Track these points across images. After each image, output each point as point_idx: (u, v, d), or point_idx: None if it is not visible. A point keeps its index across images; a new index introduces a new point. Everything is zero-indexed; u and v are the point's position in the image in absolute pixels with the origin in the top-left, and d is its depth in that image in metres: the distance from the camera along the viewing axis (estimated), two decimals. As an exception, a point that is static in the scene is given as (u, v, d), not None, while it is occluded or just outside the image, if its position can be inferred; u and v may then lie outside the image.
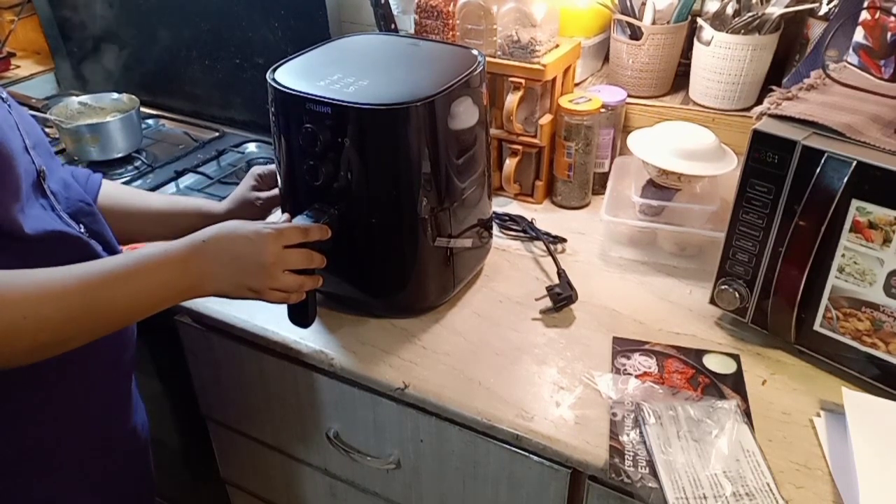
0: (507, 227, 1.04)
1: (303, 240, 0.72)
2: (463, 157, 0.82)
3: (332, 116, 0.74)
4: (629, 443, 0.68)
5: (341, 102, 0.73)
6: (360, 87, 0.76)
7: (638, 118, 1.13)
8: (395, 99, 0.74)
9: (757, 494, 0.62)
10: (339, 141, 0.75)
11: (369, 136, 0.76)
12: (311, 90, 0.75)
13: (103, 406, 0.77)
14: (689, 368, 0.77)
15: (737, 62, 1.04)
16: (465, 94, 0.79)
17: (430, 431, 0.81)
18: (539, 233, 1.01)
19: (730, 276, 0.80)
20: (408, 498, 0.91)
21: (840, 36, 0.88)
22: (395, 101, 0.73)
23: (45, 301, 0.58)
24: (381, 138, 0.76)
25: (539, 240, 1.00)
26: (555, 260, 0.93)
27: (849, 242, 0.69)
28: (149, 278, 0.64)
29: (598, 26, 1.19)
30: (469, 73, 0.79)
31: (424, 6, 1.06)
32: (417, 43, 0.91)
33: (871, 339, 0.71)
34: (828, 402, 0.72)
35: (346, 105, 0.73)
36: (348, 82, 0.77)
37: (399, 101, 0.73)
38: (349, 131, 0.75)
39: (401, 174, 0.78)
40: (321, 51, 0.88)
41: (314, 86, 0.76)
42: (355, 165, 0.76)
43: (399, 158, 0.77)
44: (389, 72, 0.83)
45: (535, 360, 0.80)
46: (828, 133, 0.70)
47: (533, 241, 1.01)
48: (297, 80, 0.78)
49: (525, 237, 1.02)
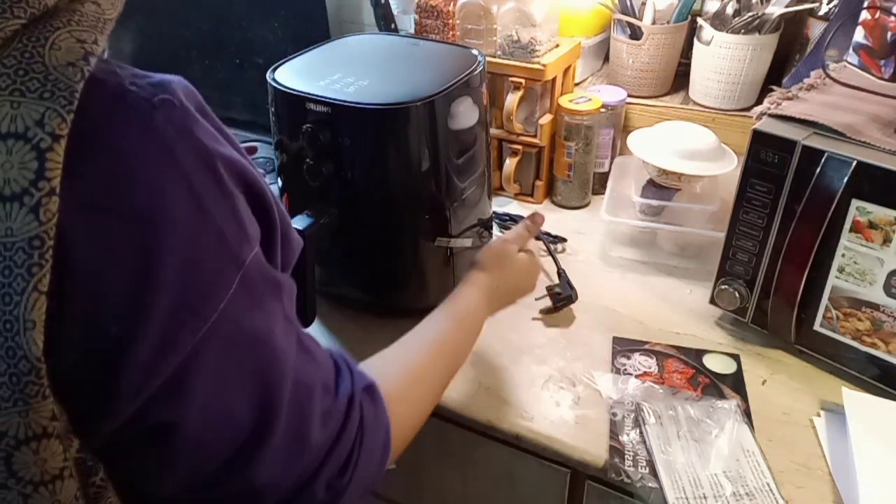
0: (508, 227, 1.04)
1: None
2: (463, 157, 0.82)
3: (332, 116, 0.74)
4: (629, 443, 0.68)
5: (341, 102, 0.73)
6: (361, 86, 0.76)
7: (638, 118, 1.13)
8: (395, 99, 0.73)
9: (757, 494, 0.62)
10: (338, 141, 0.75)
11: (369, 136, 0.76)
12: (311, 90, 0.75)
13: None
14: (689, 368, 0.77)
15: (737, 62, 1.04)
16: (465, 94, 0.79)
17: (431, 431, 0.81)
18: (539, 232, 1.00)
19: (730, 275, 0.80)
20: (408, 498, 0.91)
21: (840, 36, 0.88)
22: (395, 100, 0.73)
23: (426, 387, 0.61)
24: (380, 138, 0.76)
25: (539, 239, 1.00)
26: (555, 260, 0.93)
27: (849, 242, 0.69)
28: (470, 336, 0.69)
29: (598, 26, 1.19)
30: (469, 73, 0.79)
31: (424, 6, 1.06)
32: (418, 43, 0.91)
33: (871, 339, 0.71)
34: (828, 402, 0.72)
35: (346, 105, 0.73)
36: (348, 82, 0.77)
37: (399, 100, 0.73)
38: (349, 131, 0.75)
39: (401, 174, 0.78)
40: (321, 50, 0.88)
41: (314, 85, 0.76)
42: (355, 165, 0.76)
43: (399, 158, 0.77)
44: (390, 71, 0.83)
45: (536, 360, 0.80)
46: (828, 133, 0.70)
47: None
48: (298, 79, 0.78)
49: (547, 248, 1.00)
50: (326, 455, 0.46)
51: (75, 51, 0.34)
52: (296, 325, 0.46)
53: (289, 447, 0.44)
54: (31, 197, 0.32)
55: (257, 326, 0.41)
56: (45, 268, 0.32)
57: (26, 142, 0.32)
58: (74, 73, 0.34)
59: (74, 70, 0.34)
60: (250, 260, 0.40)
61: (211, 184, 0.38)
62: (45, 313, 0.32)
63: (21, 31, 0.34)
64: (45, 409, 0.33)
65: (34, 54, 0.34)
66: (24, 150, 0.32)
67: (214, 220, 0.38)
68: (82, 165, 0.34)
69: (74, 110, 0.33)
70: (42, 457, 0.34)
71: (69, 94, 0.33)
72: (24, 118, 0.33)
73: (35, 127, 0.32)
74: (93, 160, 0.35)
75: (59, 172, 0.32)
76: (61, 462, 0.35)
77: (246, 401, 0.41)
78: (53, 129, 0.32)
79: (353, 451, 0.48)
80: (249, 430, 0.42)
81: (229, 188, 0.39)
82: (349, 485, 0.47)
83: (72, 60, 0.34)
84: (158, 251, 0.35)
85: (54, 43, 0.34)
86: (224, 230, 0.39)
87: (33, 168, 0.32)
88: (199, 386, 0.38)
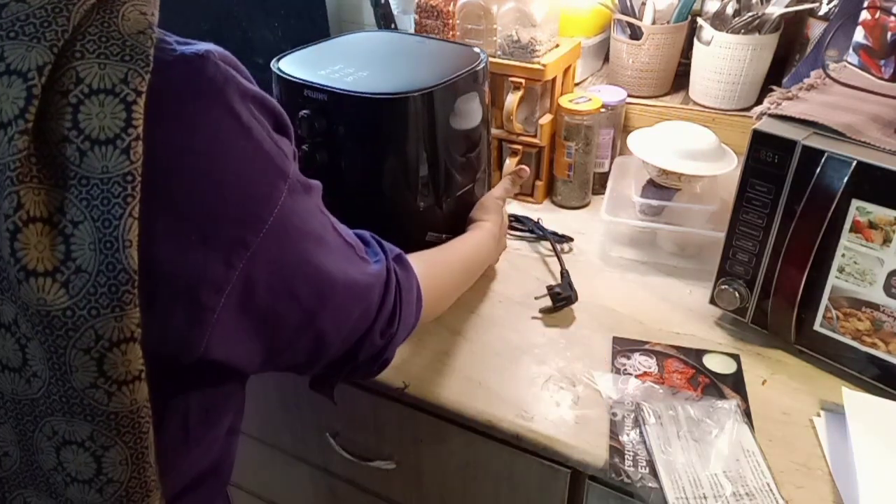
0: (513, 228, 1.04)
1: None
2: (465, 155, 0.82)
3: (329, 104, 0.75)
4: (629, 443, 0.68)
5: (338, 90, 0.74)
6: (360, 77, 0.77)
7: (638, 118, 1.13)
8: (392, 89, 0.74)
9: (757, 494, 0.62)
10: (334, 129, 0.76)
11: (363, 125, 0.76)
12: (310, 78, 0.76)
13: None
14: (689, 368, 0.77)
15: (737, 62, 1.04)
16: (470, 91, 0.79)
17: (430, 431, 0.81)
18: (546, 232, 1.01)
19: (730, 275, 0.80)
20: (408, 498, 0.91)
21: (840, 36, 0.88)
22: (391, 90, 0.74)
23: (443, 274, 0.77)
24: (374, 128, 0.77)
25: (546, 239, 1.00)
26: (560, 260, 0.93)
27: (849, 242, 0.69)
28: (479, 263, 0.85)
29: (598, 26, 1.19)
30: (469, 70, 0.79)
31: (424, 6, 1.06)
32: (423, 41, 0.91)
33: (872, 339, 0.71)
34: (828, 402, 0.72)
35: (342, 93, 0.74)
36: (348, 72, 0.78)
37: (396, 91, 0.74)
38: (344, 119, 0.76)
39: (393, 165, 0.78)
40: (327, 44, 0.89)
41: (314, 74, 0.77)
42: (349, 154, 0.77)
43: (392, 149, 0.77)
44: (391, 65, 0.83)
45: (535, 360, 0.80)
46: (828, 133, 0.70)
47: (539, 242, 1.01)
48: (299, 68, 0.80)
49: (531, 237, 1.02)
50: (378, 310, 0.60)
51: (141, 21, 0.41)
52: (328, 216, 0.57)
53: (346, 307, 0.56)
54: (123, 141, 0.39)
55: (303, 221, 0.51)
56: (136, 198, 0.39)
57: (115, 96, 0.39)
58: (146, 40, 0.40)
59: (145, 37, 0.40)
60: (292, 172, 0.49)
61: (255, 117, 0.46)
62: (138, 235, 0.39)
63: (97, 5, 0.40)
64: (134, 316, 0.40)
65: (111, 24, 0.40)
66: (113, 103, 0.39)
67: (262, 146, 0.46)
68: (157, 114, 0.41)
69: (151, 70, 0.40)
70: (128, 357, 0.40)
71: (145, 57, 0.40)
72: (111, 76, 0.39)
73: (121, 84, 0.39)
74: (165, 110, 0.41)
75: (142, 121, 0.39)
76: (140, 365, 0.41)
77: (302, 279, 0.51)
78: (136, 86, 0.39)
79: (397, 304, 0.62)
80: (311, 300, 0.52)
81: (263, 118, 0.48)
82: (398, 330, 0.63)
83: (141, 29, 0.41)
84: (224, 177, 0.44)
85: (124, 15, 0.41)
86: (270, 153, 0.47)
87: (122, 118, 0.39)
88: (263, 273, 0.47)
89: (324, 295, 0.54)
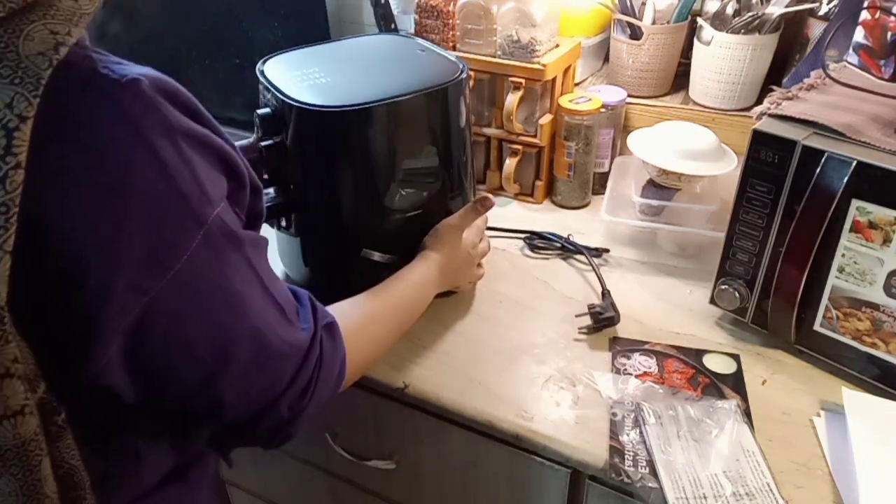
0: (536, 247, 0.99)
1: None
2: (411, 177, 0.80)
3: (280, 108, 0.76)
4: (629, 443, 0.68)
5: (283, 96, 0.75)
6: (316, 83, 0.77)
7: (638, 118, 1.13)
8: (331, 102, 0.73)
9: (757, 494, 0.62)
10: (280, 133, 0.77)
11: (299, 134, 0.77)
12: (273, 79, 0.78)
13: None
14: (689, 368, 0.77)
15: (737, 62, 1.04)
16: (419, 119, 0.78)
17: (430, 431, 0.81)
18: (578, 247, 0.96)
19: (730, 275, 0.80)
20: (408, 498, 0.91)
21: (840, 36, 0.88)
22: (328, 103, 0.73)
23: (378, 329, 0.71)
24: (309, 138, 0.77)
25: (581, 254, 0.96)
26: (599, 278, 0.90)
27: (849, 242, 0.69)
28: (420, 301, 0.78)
29: (598, 26, 1.19)
30: (429, 89, 0.77)
31: (424, 6, 1.06)
32: (425, 48, 0.89)
33: (872, 339, 0.71)
34: (828, 402, 0.72)
35: (285, 99, 0.75)
36: (316, 78, 0.78)
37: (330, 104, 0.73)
38: (285, 125, 0.77)
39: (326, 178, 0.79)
40: (325, 47, 0.89)
41: (284, 75, 0.78)
42: (293, 160, 0.78)
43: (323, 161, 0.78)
44: (361, 75, 0.82)
45: (535, 360, 0.80)
46: (828, 133, 0.70)
47: (573, 255, 0.97)
48: (278, 69, 0.81)
49: (562, 254, 0.98)
50: (289, 383, 0.55)
51: (47, 41, 0.38)
52: (259, 272, 0.52)
53: (250, 375, 0.52)
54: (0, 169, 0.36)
55: (218, 275, 0.48)
56: (10, 230, 0.36)
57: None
58: (43, 62, 0.38)
59: (43, 59, 0.38)
60: (212, 219, 0.46)
61: (174, 152, 0.43)
62: (9, 269, 0.36)
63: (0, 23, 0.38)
64: (8, 353, 0.38)
65: (9, 44, 0.38)
66: None
67: (177, 185, 0.43)
68: (57, 141, 0.39)
69: (41, 94, 0.37)
70: (5, 394, 0.38)
71: (36, 80, 0.37)
72: None
73: (4, 109, 0.37)
74: (67, 136, 0.39)
75: (26, 149, 0.37)
76: (22, 400, 0.39)
77: (204, 337, 0.48)
78: (21, 112, 0.37)
79: (312, 379, 0.57)
80: (210, 361, 0.49)
81: (191, 156, 0.44)
82: (308, 406, 0.57)
83: (42, 50, 0.38)
84: (127, 215, 0.41)
85: (28, 34, 0.38)
86: (186, 195, 0.44)
87: (2, 144, 0.36)
88: (159, 324, 0.45)
89: (227, 358, 0.50)
